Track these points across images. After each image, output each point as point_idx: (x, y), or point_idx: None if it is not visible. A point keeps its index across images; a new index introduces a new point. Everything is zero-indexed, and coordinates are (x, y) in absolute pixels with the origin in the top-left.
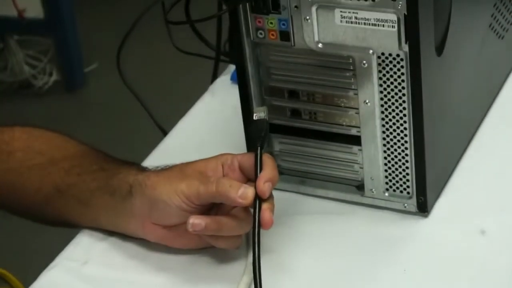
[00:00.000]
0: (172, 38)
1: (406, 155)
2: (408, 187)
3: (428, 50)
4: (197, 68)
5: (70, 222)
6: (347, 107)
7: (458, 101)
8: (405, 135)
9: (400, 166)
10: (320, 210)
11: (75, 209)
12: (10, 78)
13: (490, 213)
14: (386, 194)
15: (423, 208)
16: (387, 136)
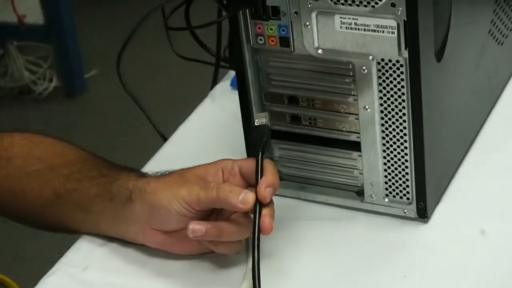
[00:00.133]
0: (172, 44)
1: (406, 161)
2: (408, 192)
3: (428, 56)
4: (197, 74)
5: (70, 228)
6: (347, 113)
7: (457, 107)
8: (405, 141)
9: (400, 172)
10: (320, 216)
11: (75, 215)
12: (10, 83)
13: (490, 219)
14: (386, 200)
15: (423, 214)
16: (387, 142)
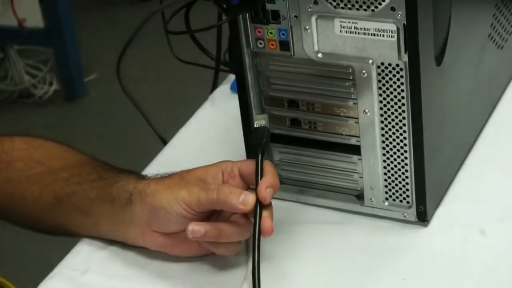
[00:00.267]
0: (172, 47)
1: (406, 164)
2: (407, 196)
3: (428, 60)
4: (197, 77)
5: (70, 231)
6: (347, 117)
7: (457, 111)
8: (405, 144)
9: (399, 176)
10: (319, 220)
11: (75, 218)
12: (10, 87)
13: (490, 222)
14: (386, 204)
15: (423, 217)
16: (387, 146)
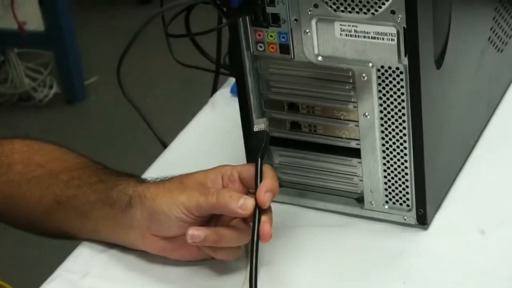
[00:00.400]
0: (172, 51)
1: (406, 167)
2: (407, 199)
3: (428, 63)
4: (197, 81)
5: (70, 234)
6: (347, 120)
7: (457, 114)
8: (405, 147)
9: (399, 179)
10: (319, 223)
11: (75, 221)
12: (10, 90)
13: (490, 225)
14: (386, 207)
15: (423, 221)
16: (387, 149)
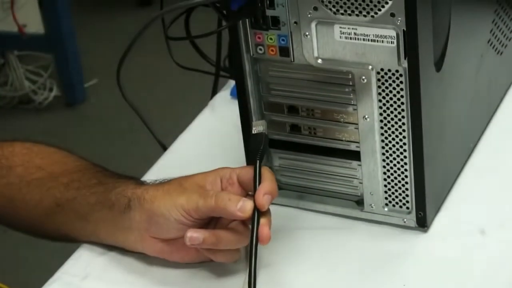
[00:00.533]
0: (172, 53)
1: (406, 170)
2: (407, 202)
3: (427, 65)
4: (197, 83)
5: (69, 237)
6: (347, 123)
7: (457, 116)
8: (405, 150)
9: (399, 181)
10: (319, 225)
11: (75, 223)
12: (10, 93)
13: (490, 228)
14: (386, 209)
15: (423, 223)
16: (387, 151)
